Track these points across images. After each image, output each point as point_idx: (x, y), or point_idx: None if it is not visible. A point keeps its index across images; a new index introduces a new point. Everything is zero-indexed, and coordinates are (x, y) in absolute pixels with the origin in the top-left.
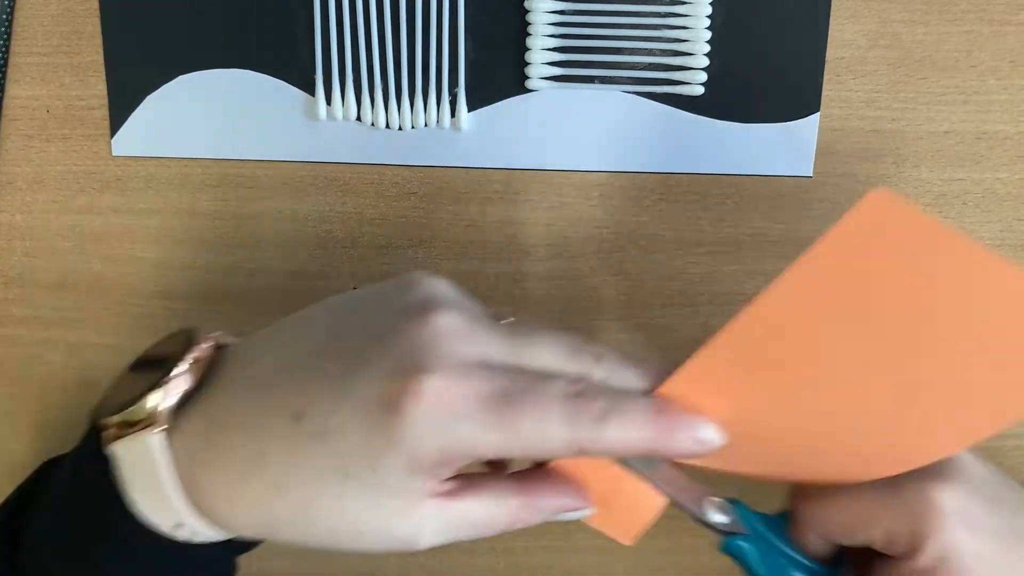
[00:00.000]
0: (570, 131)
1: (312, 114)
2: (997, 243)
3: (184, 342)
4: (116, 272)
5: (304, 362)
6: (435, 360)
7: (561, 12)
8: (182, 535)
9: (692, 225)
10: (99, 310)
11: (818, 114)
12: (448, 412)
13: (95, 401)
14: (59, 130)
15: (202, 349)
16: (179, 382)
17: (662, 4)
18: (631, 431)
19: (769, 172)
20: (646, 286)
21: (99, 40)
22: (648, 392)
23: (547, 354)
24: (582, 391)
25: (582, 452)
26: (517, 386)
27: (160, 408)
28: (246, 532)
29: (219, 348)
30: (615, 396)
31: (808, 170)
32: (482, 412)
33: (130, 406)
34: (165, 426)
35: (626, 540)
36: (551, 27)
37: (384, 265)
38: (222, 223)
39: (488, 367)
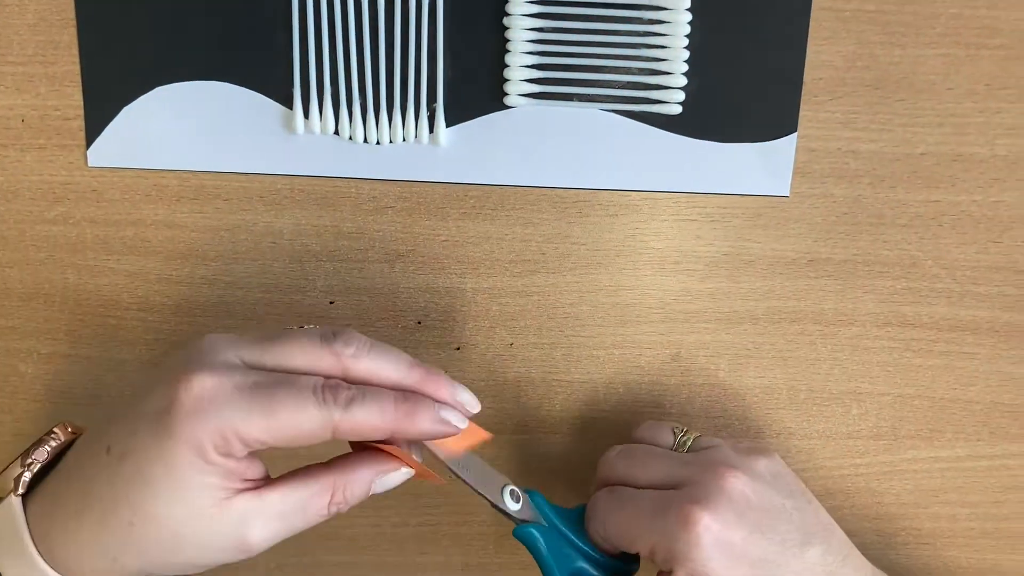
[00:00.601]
0: (548, 148)
1: (290, 127)
2: (972, 264)
3: (48, 432)
4: (91, 283)
5: (117, 413)
6: (198, 364)
7: (540, 30)
8: None
9: (668, 243)
10: (73, 321)
11: (795, 134)
12: (211, 400)
13: None
14: (34, 140)
15: (60, 433)
16: (34, 459)
17: (641, 23)
18: (375, 413)
19: (746, 191)
20: (622, 303)
21: (76, 50)
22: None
23: (299, 353)
24: (334, 384)
25: (337, 432)
26: (272, 378)
27: (20, 479)
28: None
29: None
30: (363, 387)
31: (785, 190)
32: (242, 399)
33: None
34: (21, 491)
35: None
36: (530, 44)
37: (360, 280)
38: (198, 235)
39: (247, 366)
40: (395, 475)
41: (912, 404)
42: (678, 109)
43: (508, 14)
